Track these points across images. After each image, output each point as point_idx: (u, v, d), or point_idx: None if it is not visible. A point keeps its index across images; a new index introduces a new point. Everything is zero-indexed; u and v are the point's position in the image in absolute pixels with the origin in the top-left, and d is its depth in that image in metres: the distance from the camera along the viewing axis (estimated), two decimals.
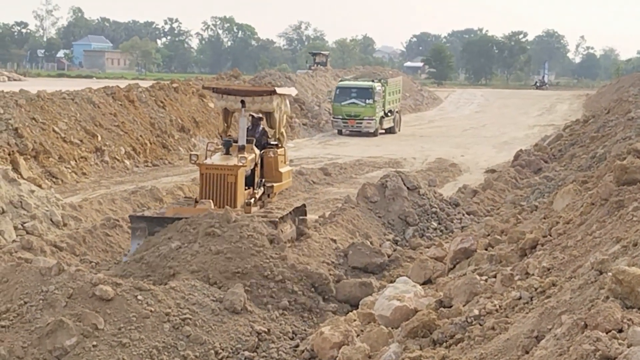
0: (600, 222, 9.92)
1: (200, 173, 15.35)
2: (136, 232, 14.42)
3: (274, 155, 16.79)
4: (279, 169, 16.94)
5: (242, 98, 16.36)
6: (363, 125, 44.40)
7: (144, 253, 13.05)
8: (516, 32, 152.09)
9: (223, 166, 15.15)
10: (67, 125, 27.89)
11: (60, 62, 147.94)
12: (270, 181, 16.73)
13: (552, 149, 28.04)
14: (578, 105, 70.74)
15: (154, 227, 14.09)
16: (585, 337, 5.55)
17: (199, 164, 15.43)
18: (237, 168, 15.02)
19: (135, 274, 12.42)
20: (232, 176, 15.00)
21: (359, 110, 44.69)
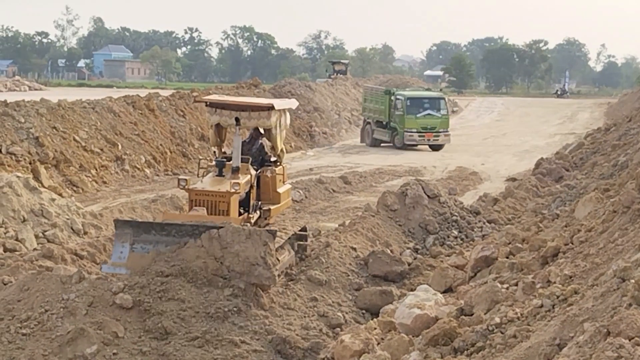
0: (622, 230, 9.84)
1: (189, 199, 13.92)
2: (120, 238, 13.07)
3: (271, 175, 15.25)
4: (277, 189, 15.46)
5: (236, 115, 14.74)
6: (440, 138, 41.96)
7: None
8: (537, 41, 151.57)
9: (214, 192, 13.71)
10: (87, 134, 28.01)
11: (80, 72, 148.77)
12: (267, 203, 15.25)
13: (574, 157, 27.86)
14: (599, 114, 70.36)
15: (140, 233, 12.99)
16: (608, 344, 5.50)
17: (188, 189, 13.97)
18: (229, 195, 13.59)
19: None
20: (224, 203, 13.64)
21: (435, 122, 42.07)
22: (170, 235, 12.79)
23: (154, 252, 12.62)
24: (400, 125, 42.00)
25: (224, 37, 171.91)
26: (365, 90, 48.21)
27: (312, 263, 14.40)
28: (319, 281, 13.54)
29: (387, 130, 43.20)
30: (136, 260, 12.63)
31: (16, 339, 10.60)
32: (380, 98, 44.16)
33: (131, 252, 12.80)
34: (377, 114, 44.07)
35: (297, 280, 13.53)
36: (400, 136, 42.06)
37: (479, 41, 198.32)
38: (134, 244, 12.87)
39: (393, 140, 42.71)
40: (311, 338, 11.72)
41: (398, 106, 42.23)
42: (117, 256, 12.91)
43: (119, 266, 12.70)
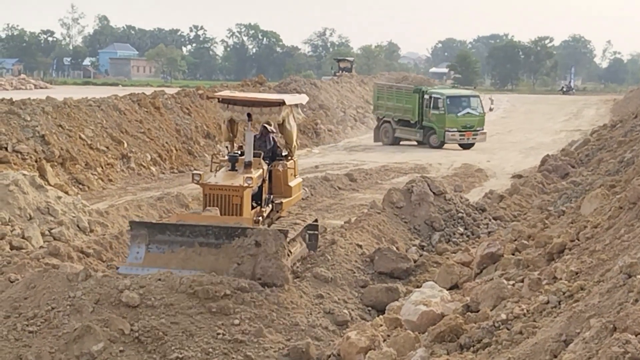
0: (628, 226, 9.83)
1: (203, 193, 14.38)
2: (136, 239, 13.47)
3: (283, 169, 15.65)
4: (289, 182, 15.82)
5: (248, 110, 15.09)
6: (478, 137, 41.72)
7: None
8: (542, 37, 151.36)
9: (228, 187, 14.07)
10: (93, 132, 28.06)
11: (86, 70, 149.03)
12: (279, 197, 15.65)
13: (579, 154, 27.82)
14: (605, 110, 70.28)
15: (155, 234, 13.38)
16: (614, 339, 5.50)
17: (202, 184, 14.32)
18: (242, 189, 13.98)
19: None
20: (238, 197, 14.02)
21: (473, 120, 41.71)
22: (184, 236, 13.19)
23: (169, 252, 13.12)
24: (439, 125, 41.27)
25: (229, 35, 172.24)
26: (380, 88, 46.61)
27: (318, 260, 14.42)
28: (325, 278, 13.53)
29: (417, 129, 42.46)
30: (152, 260, 13.07)
31: (23, 336, 10.63)
32: (407, 96, 43.25)
33: (147, 252, 13.22)
34: (401, 112, 43.09)
35: (303, 278, 13.54)
36: (439, 135, 41.34)
37: (484, 38, 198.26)
38: (150, 244, 13.26)
39: (428, 140, 41.93)
40: (318, 336, 11.74)
41: (439, 105, 41.38)
42: (133, 257, 13.31)
43: (136, 266, 13.06)
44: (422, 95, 42.53)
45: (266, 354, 10.98)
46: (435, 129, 41.62)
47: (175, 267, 12.85)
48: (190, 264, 13.06)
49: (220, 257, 13.08)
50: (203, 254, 13.16)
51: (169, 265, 12.94)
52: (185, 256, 13.17)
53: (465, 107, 42.06)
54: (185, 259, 13.15)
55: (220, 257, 13.08)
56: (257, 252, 12.89)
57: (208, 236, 13.16)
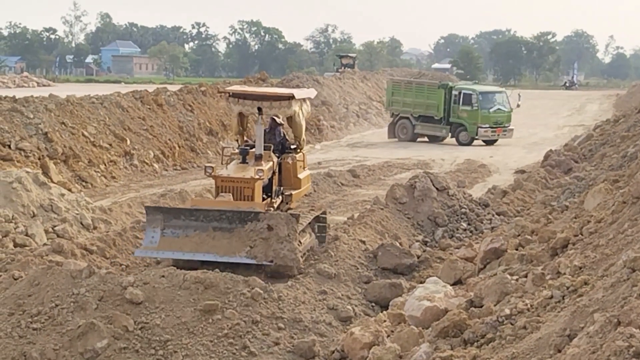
0: (632, 220, 9.82)
1: (215, 185, 14.77)
2: (152, 224, 13.93)
3: (292, 161, 15.96)
4: (298, 175, 16.15)
5: (258, 104, 15.45)
6: (507, 133, 41.51)
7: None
8: (545, 33, 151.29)
9: (240, 179, 14.43)
10: (96, 129, 28.07)
11: (88, 68, 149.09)
12: (289, 188, 15.99)
13: (583, 149, 27.81)
14: (608, 105, 70.20)
15: (170, 218, 13.86)
16: (618, 333, 5.50)
17: (214, 176, 14.71)
18: (254, 181, 14.34)
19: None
20: (249, 189, 14.38)
21: (503, 116, 41.58)
22: (198, 220, 13.71)
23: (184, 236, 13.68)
24: (471, 121, 40.89)
25: (231, 31, 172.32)
26: (395, 84, 45.60)
27: (321, 256, 14.42)
28: (328, 274, 13.52)
29: (442, 125, 42.01)
30: (167, 244, 13.67)
31: (27, 333, 10.64)
32: (430, 92, 42.65)
33: (162, 236, 13.75)
34: (423, 108, 42.46)
35: (306, 274, 13.54)
36: (471, 132, 40.95)
37: (486, 34, 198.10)
38: (165, 229, 13.79)
39: (456, 136, 41.54)
40: (321, 332, 11.74)
41: (471, 101, 41.05)
42: (148, 240, 13.85)
43: (151, 250, 13.82)
44: (448, 91, 42.05)
45: (270, 350, 10.97)
46: (466, 125, 41.16)
47: (189, 251, 13.55)
48: (204, 247, 13.57)
49: (234, 241, 13.56)
50: (217, 237, 13.63)
51: (183, 249, 13.59)
52: (199, 240, 13.64)
53: (496, 103, 41.88)
54: (199, 242, 13.63)
55: (234, 241, 13.56)
56: (269, 236, 13.41)
57: (221, 220, 13.64)
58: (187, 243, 13.69)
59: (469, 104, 41.16)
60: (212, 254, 13.48)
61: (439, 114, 41.93)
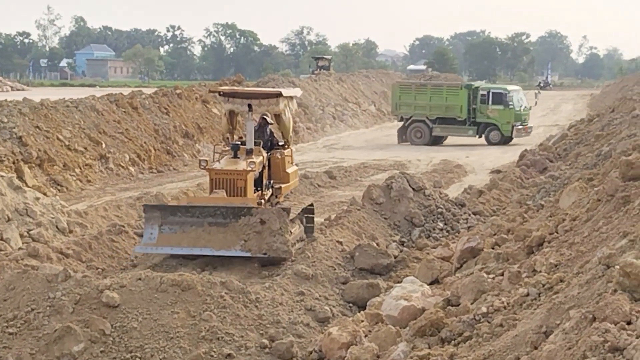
0: (606, 218, 9.88)
1: (209, 178, 15.58)
2: (150, 221, 14.70)
3: (281, 157, 16.84)
4: (286, 169, 17.02)
5: (248, 102, 16.30)
6: (530, 131, 41.92)
7: None
8: (519, 34, 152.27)
9: (232, 171, 15.23)
10: (71, 133, 27.90)
11: (63, 72, 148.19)
12: (278, 182, 16.80)
13: (557, 148, 27.98)
14: (582, 105, 70.63)
15: (167, 215, 14.64)
16: (594, 329, 5.53)
17: (208, 169, 15.58)
18: (246, 173, 15.15)
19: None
20: (242, 181, 15.17)
21: (527, 114, 42.28)
22: (194, 217, 14.55)
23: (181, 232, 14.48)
24: (504, 120, 40.98)
25: (206, 34, 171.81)
26: (404, 87, 45.18)
27: (299, 257, 14.43)
28: (306, 275, 13.53)
29: (467, 126, 41.75)
30: (165, 240, 14.47)
31: (3, 338, 10.57)
32: (450, 93, 42.37)
33: (160, 233, 14.56)
34: (442, 110, 42.02)
35: (283, 275, 13.54)
36: (505, 131, 41.03)
37: (461, 35, 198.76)
38: (162, 225, 14.60)
39: (487, 136, 41.50)
40: (299, 333, 11.73)
41: (502, 100, 41.09)
42: (147, 237, 14.64)
43: (150, 246, 14.59)
44: (473, 91, 41.94)
45: (248, 352, 10.96)
46: (498, 124, 41.23)
47: (186, 246, 14.40)
48: (200, 242, 14.38)
49: (228, 235, 14.35)
50: (212, 232, 14.44)
51: (180, 244, 14.42)
52: (195, 235, 14.45)
53: (521, 101, 42.11)
54: (195, 238, 14.43)
55: (228, 235, 14.35)
56: (262, 229, 14.26)
57: (216, 216, 14.48)
58: (184, 238, 14.44)
59: (500, 103, 41.22)
60: (208, 249, 14.33)
61: (463, 115, 41.68)
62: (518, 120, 41.28)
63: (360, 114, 57.86)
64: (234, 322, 11.39)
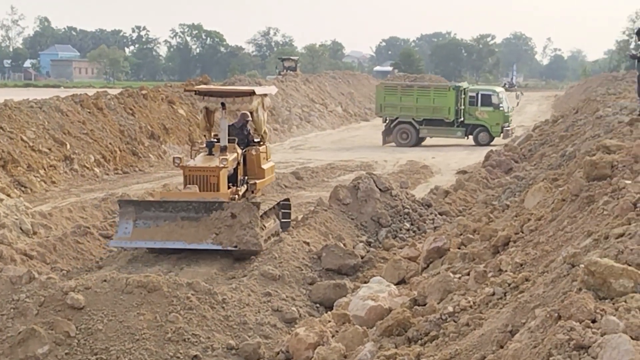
0: (571, 218, 9.95)
1: (183, 175, 15.88)
2: (125, 216, 15.06)
3: (256, 153, 17.25)
4: (261, 165, 17.42)
5: (222, 100, 16.71)
6: (514, 133, 41.84)
7: None
8: (484, 35, 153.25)
9: (205, 168, 15.61)
10: (35, 134, 27.65)
11: (27, 72, 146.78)
12: (253, 178, 17.18)
13: (522, 149, 28.14)
14: (547, 106, 71.19)
15: (141, 210, 15.03)
16: (559, 327, 5.56)
17: (182, 166, 15.95)
18: (218, 169, 15.50)
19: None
20: (215, 177, 15.50)
21: (511, 116, 42.98)
22: (167, 211, 14.96)
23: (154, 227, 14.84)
24: (493, 121, 41.31)
25: (172, 35, 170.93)
26: (390, 88, 45.01)
27: (265, 258, 14.41)
28: (273, 276, 13.53)
29: (455, 127, 41.91)
30: (139, 234, 14.83)
31: None
32: (438, 95, 42.36)
33: (134, 227, 14.93)
34: (429, 111, 41.94)
35: (250, 276, 13.52)
36: (495, 132, 41.29)
37: (427, 36, 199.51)
38: (137, 220, 14.99)
39: (475, 137, 41.67)
40: (266, 334, 11.72)
41: (492, 102, 41.39)
42: (122, 232, 15.00)
43: (125, 240, 14.94)
44: (461, 93, 42.05)
45: (215, 353, 10.93)
46: (487, 126, 41.49)
47: (159, 240, 14.79)
48: (173, 236, 14.78)
49: (200, 229, 14.78)
50: (185, 226, 14.83)
51: (154, 238, 14.80)
52: (169, 229, 14.84)
53: (507, 103, 42.53)
54: (169, 232, 14.82)
55: (200, 229, 14.78)
56: (233, 223, 14.70)
57: (189, 211, 14.89)
58: (158, 232, 14.83)
59: (489, 105, 41.47)
60: (181, 242, 14.72)
61: (451, 116, 41.76)
62: (506, 122, 41.64)
63: (327, 115, 57.91)
64: (201, 324, 11.36)
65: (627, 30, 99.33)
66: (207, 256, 14.94)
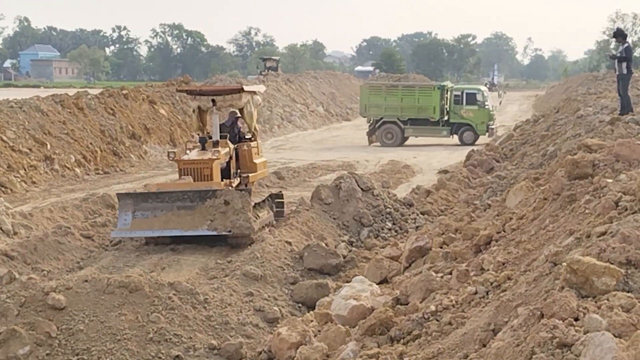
0: (553, 216, 9.99)
1: (178, 168, 16.83)
2: (124, 208, 15.81)
3: (247, 148, 18.14)
4: (253, 160, 18.30)
5: (212, 98, 17.62)
6: (497, 131, 42.06)
7: None
8: (465, 35, 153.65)
9: (199, 160, 16.50)
10: (15, 134, 27.46)
11: (6, 72, 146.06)
12: (246, 172, 17.96)
13: (504, 149, 28.20)
14: (528, 106, 71.43)
15: (139, 202, 15.79)
16: (542, 325, 5.57)
17: (176, 160, 16.97)
18: (211, 161, 16.35)
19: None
20: (208, 169, 16.33)
21: (494, 115, 43.28)
22: (164, 202, 15.70)
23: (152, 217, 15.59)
24: (479, 120, 41.34)
25: (153, 35, 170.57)
26: (374, 88, 44.87)
27: (247, 258, 14.39)
28: (255, 276, 13.51)
29: (441, 127, 41.82)
30: (138, 225, 15.60)
31: None
32: (423, 94, 42.19)
33: (133, 218, 15.70)
34: (414, 111, 41.74)
35: (232, 276, 13.49)
36: (480, 131, 41.28)
37: (408, 36, 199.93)
38: (135, 211, 15.75)
39: (460, 136, 41.61)
40: (248, 333, 11.70)
41: (477, 100, 41.52)
42: (122, 223, 15.78)
43: (125, 230, 15.74)
44: (446, 92, 41.98)
45: (197, 353, 10.90)
46: (473, 125, 41.47)
47: (158, 229, 15.51)
48: (170, 225, 15.50)
49: (196, 217, 15.48)
50: (181, 215, 15.56)
51: (153, 227, 15.55)
52: (166, 219, 15.57)
53: (490, 102, 42.59)
54: (166, 221, 15.55)
55: (196, 217, 15.48)
56: (226, 210, 15.41)
57: (184, 200, 15.65)
58: (156, 222, 15.57)
59: (474, 103, 41.51)
60: (178, 230, 15.46)
61: (436, 115, 41.64)
62: (491, 120, 41.76)
63: (309, 114, 57.89)
64: (182, 324, 11.33)
65: (607, 31, 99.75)
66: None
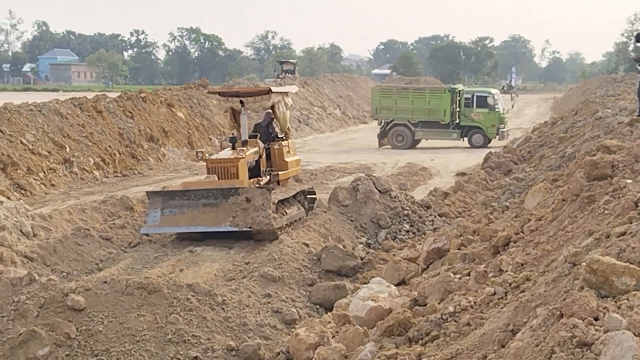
0: (571, 217, 9.95)
1: (206, 167, 17.64)
2: (153, 206, 16.64)
3: (278, 147, 18.92)
4: (284, 158, 19.05)
5: (242, 99, 18.45)
6: (509, 134, 42.21)
7: None
8: (482, 38, 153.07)
9: (225, 159, 17.31)
10: (34, 137, 27.62)
11: (26, 77, 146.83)
12: (276, 170, 18.76)
13: (522, 151, 28.15)
14: (545, 109, 71.18)
15: (167, 200, 16.55)
16: (561, 325, 5.55)
17: (205, 159, 17.94)
18: (237, 160, 17.07)
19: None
20: (234, 167, 17.04)
21: (506, 118, 43.58)
22: (190, 199, 16.46)
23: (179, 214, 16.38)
24: (489, 123, 41.26)
25: (170, 39, 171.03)
26: (386, 90, 44.76)
27: (265, 259, 14.42)
28: (273, 277, 13.54)
29: (451, 129, 41.72)
30: (166, 221, 16.40)
31: None
32: (433, 97, 42.17)
33: (162, 215, 16.51)
34: (424, 114, 41.72)
35: (250, 277, 13.53)
36: (490, 133, 41.24)
37: (425, 39, 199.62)
38: (164, 209, 16.55)
39: (470, 139, 41.58)
40: (266, 335, 11.72)
41: (487, 103, 41.47)
42: (151, 220, 16.64)
43: (154, 227, 16.57)
44: (457, 94, 41.91)
45: (215, 354, 10.94)
46: (483, 127, 41.42)
47: (184, 225, 16.27)
48: (196, 221, 16.24)
49: (220, 213, 16.19)
50: (206, 212, 16.30)
51: (179, 224, 16.33)
52: (192, 215, 16.32)
53: (503, 104, 42.56)
54: (192, 217, 16.30)
55: (220, 213, 16.19)
56: (247, 207, 16.03)
57: (209, 197, 16.38)
58: (182, 219, 16.33)
59: (484, 106, 41.46)
60: (202, 226, 16.20)
61: (446, 118, 41.55)
62: (502, 123, 41.66)
63: (326, 117, 57.91)
64: (201, 325, 11.36)
65: (626, 33, 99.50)
66: (210, 256, 15.40)
